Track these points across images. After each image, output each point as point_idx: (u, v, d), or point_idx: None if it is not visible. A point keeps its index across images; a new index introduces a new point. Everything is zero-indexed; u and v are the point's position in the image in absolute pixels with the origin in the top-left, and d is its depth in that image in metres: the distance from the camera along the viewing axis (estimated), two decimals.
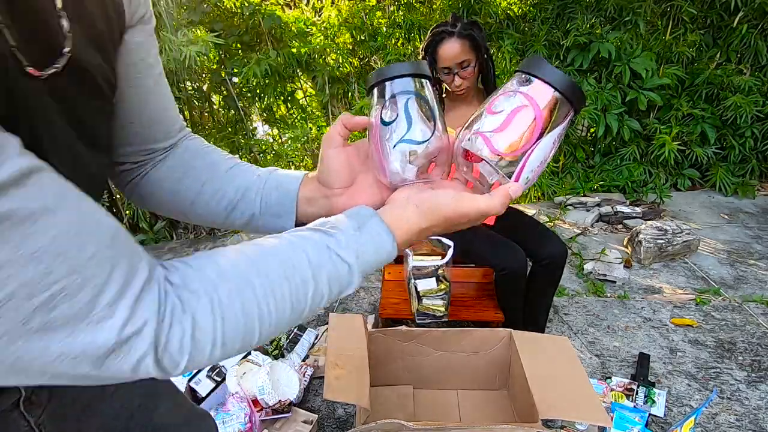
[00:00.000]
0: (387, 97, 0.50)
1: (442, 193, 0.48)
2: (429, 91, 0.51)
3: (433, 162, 0.52)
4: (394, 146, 0.49)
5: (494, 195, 0.47)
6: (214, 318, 0.36)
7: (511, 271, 1.60)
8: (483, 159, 0.48)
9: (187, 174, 0.60)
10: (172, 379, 0.62)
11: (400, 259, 2.10)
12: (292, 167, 3.46)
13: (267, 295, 0.38)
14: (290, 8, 3.64)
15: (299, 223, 0.57)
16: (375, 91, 0.51)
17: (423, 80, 0.50)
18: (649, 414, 1.55)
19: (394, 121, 0.49)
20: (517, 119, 0.46)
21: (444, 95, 1.75)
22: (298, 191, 0.57)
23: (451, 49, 1.57)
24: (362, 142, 0.57)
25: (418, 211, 0.47)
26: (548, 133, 0.46)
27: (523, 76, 0.47)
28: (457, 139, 0.51)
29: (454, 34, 1.55)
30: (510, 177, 0.47)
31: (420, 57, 1.67)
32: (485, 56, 1.62)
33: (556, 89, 0.45)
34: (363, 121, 0.53)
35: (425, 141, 0.49)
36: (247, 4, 3.12)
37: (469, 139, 0.49)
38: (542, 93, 0.45)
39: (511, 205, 2.03)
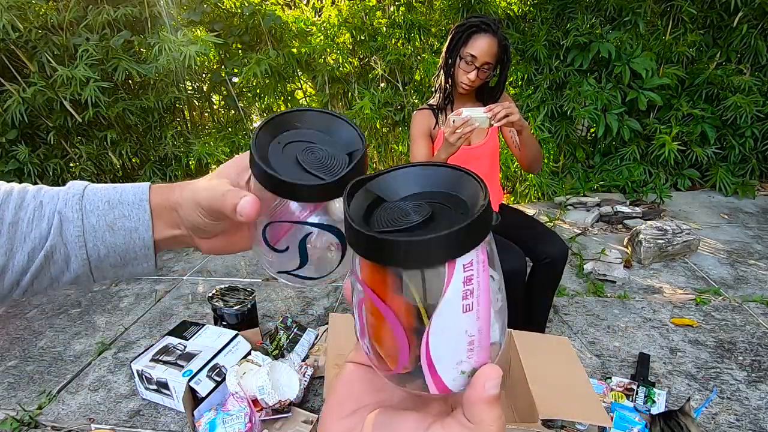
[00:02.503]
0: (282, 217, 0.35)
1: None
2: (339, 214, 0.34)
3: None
4: (278, 273, 0.38)
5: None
6: None
7: (510, 272, 1.60)
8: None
9: None
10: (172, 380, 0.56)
11: None
12: None
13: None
14: (290, 8, 3.64)
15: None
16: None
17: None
18: (649, 414, 1.55)
19: (281, 251, 0.36)
20: (367, 319, 0.26)
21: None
22: (151, 221, 0.41)
23: (487, 45, 1.54)
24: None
25: None
26: (432, 314, 0.23)
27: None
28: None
29: (496, 34, 1.54)
30: (428, 390, 0.26)
31: (451, 33, 1.60)
32: (505, 74, 1.63)
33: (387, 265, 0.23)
34: (241, 220, 0.34)
35: (317, 278, 0.38)
36: (247, 4, 3.12)
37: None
38: (375, 271, 0.24)
39: (511, 205, 2.02)
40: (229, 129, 3.55)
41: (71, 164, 3.18)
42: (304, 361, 1.77)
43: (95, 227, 0.41)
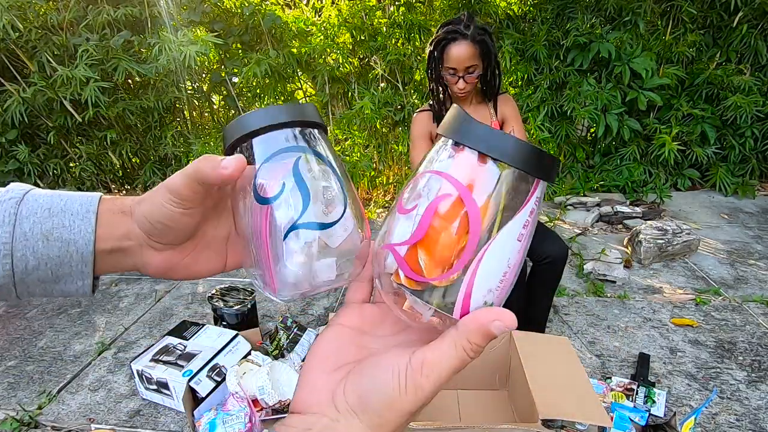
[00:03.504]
0: (261, 160, 0.31)
1: (382, 373, 0.27)
2: (326, 147, 0.33)
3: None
4: (285, 236, 0.30)
5: (441, 350, 0.27)
6: None
7: None
8: (402, 286, 0.28)
9: None
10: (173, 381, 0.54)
11: None
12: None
13: None
14: (290, 8, 3.64)
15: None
16: (239, 151, 0.32)
17: (315, 131, 0.33)
18: (649, 414, 1.55)
19: (278, 195, 0.30)
20: (440, 218, 0.27)
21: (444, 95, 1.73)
22: (94, 234, 0.36)
23: (462, 52, 1.51)
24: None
25: (366, 425, 0.27)
26: (502, 227, 0.27)
27: (449, 142, 0.28)
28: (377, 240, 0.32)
29: (467, 37, 1.50)
30: (451, 311, 0.27)
31: (428, 51, 1.62)
32: (494, 65, 1.58)
33: (496, 159, 0.26)
34: (227, 175, 0.31)
35: (332, 223, 0.31)
36: (247, 4, 3.12)
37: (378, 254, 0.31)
38: (473, 169, 0.27)
39: None
40: None
41: (71, 164, 3.18)
42: (303, 361, 1.77)
43: (27, 235, 0.35)
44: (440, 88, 1.65)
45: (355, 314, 0.34)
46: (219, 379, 1.53)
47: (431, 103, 1.71)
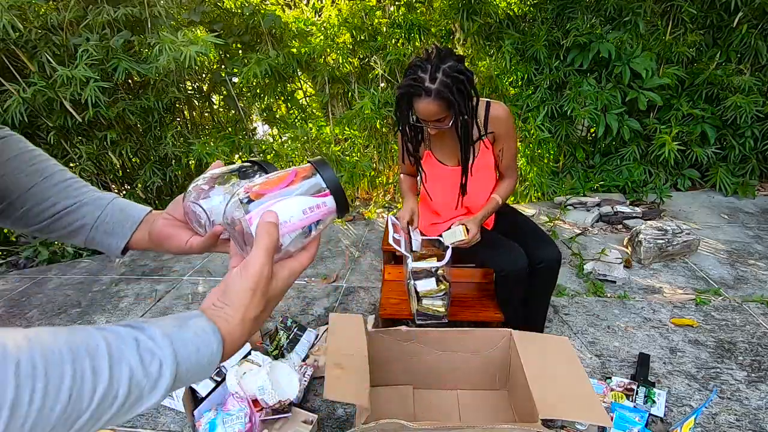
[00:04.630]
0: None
1: (231, 275, 0.44)
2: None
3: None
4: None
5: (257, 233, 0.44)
6: None
7: (511, 272, 1.60)
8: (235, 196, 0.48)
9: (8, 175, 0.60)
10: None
11: (400, 260, 2.10)
12: (292, 167, 3.45)
13: (34, 377, 0.28)
14: (290, 8, 3.64)
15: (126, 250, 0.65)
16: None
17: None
18: (649, 414, 1.55)
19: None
20: (278, 176, 0.49)
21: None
22: (142, 220, 0.65)
23: (426, 110, 1.45)
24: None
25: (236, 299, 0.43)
26: (296, 193, 0.47)
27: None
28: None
29: (430, 94, 1.42)
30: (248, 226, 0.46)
31: (395, 96, 1.58)
32: (467, 112, 1.49)
33: (317, 170, 0.48)
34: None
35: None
36: (247, 4, 3.12)
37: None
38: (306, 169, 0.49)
39: (510, 205, 2.02)
40: (229, 129, 3.55)
41: (71, 164, 3.18)
42: (304, 361, 1.77)
43: (111, 206, 0.66)
44: (414, 143, 1.68)
45: (236, 259, 0.50)
46: (219, 379, 1.54)
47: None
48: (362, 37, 3.35)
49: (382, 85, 3.42)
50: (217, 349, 0.40)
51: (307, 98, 3.75)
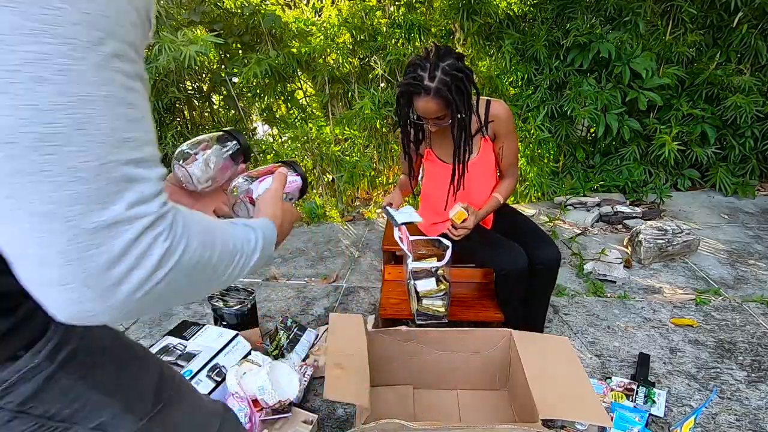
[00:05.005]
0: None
1: (263, 197, 0.76)
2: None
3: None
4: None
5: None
6: (198, 246, 0.48)
7: (511, 272, 1.59)
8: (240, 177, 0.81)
9: None
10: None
11: (400, 260, 2.10)
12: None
13: (222, 258, 0.53)
14: (290, 8, 3.64)
15: None
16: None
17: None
18: (649, 414, 1.55)
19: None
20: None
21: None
22: None
23: (425, 108, 1.47)
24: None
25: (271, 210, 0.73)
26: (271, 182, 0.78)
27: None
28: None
29: (429, 92, 1.43)
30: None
31: (395, 94, 1.61)
32: (465, 111, 1.50)
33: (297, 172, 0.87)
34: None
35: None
36: (247, 4, 3.12)
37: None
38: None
39: (510, 205, 2.03)
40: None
41: None
42: (304, 361, 1.77)
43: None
44: (416, 141, 1.69)
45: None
46: (219, 379, 1.53)
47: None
48: (362, 37, 3.35)
49: (382, 85, 3.42)
50: (272, 229, 0.66)
51: (307, 98, 3.75)
